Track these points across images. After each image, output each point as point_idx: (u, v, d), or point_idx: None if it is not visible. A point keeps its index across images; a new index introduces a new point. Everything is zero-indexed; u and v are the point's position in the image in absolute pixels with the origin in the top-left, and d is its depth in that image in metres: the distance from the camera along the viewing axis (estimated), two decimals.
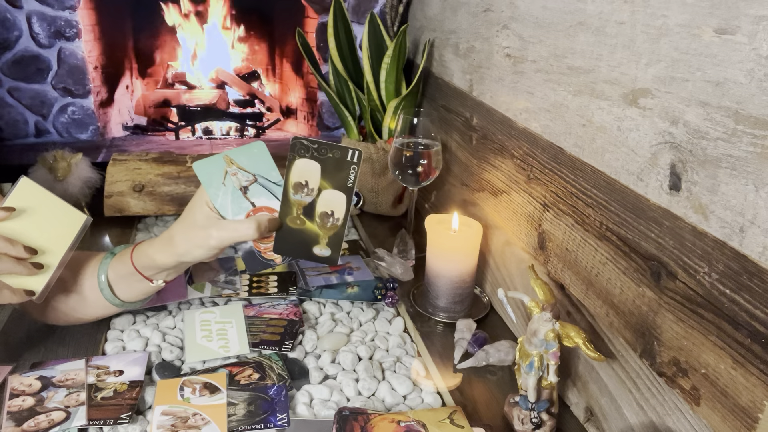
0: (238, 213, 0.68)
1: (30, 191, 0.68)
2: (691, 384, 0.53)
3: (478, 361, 0.80)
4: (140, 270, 0.72)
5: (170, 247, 0.69)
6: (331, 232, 0.67)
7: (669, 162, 0.54)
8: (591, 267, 0.68)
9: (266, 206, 0.69)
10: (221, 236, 0.66)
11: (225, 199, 0.68)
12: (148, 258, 0.71)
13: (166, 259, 0.70)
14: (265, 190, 0.68)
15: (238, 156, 0.68)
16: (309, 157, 0.65)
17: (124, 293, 0.76)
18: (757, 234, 0.45)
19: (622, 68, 0.61)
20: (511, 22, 0.86)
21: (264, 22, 1.90)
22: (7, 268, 0.65)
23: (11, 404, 0.67)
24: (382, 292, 0.93)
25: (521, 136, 0.84)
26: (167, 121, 1.80)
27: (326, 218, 0.67)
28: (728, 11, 0.47)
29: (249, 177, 0.68)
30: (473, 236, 0.88)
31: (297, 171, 0.66)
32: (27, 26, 1.45)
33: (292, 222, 0.67)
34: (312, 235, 0.67)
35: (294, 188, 0.66)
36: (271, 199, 0.68)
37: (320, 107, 1.71)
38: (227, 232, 0.66)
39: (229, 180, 0.68)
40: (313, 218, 0.67)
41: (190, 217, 0.69)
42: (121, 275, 0.74)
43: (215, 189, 0.68)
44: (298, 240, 0.68)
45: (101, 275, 0.74)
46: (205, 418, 0.66)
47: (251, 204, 0.68)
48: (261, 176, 0.68)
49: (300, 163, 0.66)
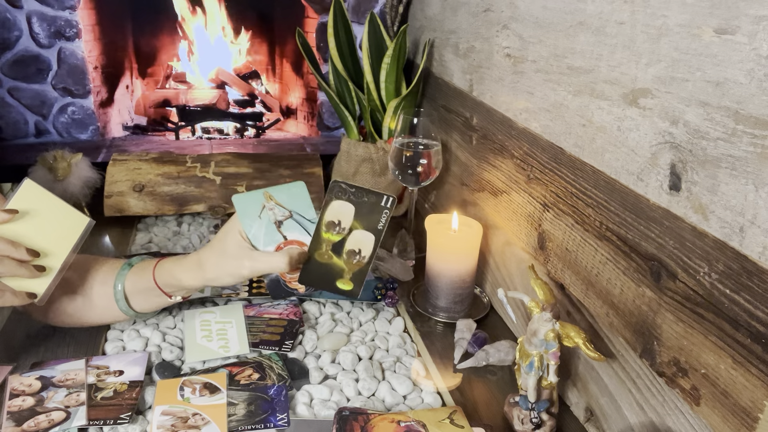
0: (269, 244, 0.71)
1: (33, 194, 0.68)
2: (691, 384, 0.53)
3: (478, 361, 0.80)
4: (161, 287, 0.73)
5: (200, 271, 0.71)
6: (356, 268, 0.70)
7: (669, 162, 0.54)
8: (591, 267, 0.68)
9: (297, 240, 0.71)
10: (254, 266, 0.68)
11: (259, 230, 0.70)
12: (173, 278, 0.72)
13: (194, 283, 0.72)
14: (298, 225, 0.71)
15: (277, 193, 0.71)
16: (345, 199, 0.69)
17: (140, 305, 0.76)
18: (757, 234, 0.45)
19: (622, 68, 0.61)
20: (511, 22, 0.86)
21: (264, 22, 1.89)
22: (10, 270, 0.65)
23: (11, 404, 0.67)
24: (382, 292, 0.93)
25: (521, 136, 0.84)
26: (167, 121, 1.80)
27: (353, 256, 0.70)
28: (728, 11, 0.47)
29: (285, 213, 0.71)
30: (473, 236, 0.88)
31: (332, 211, 0.69)
32: (27, 26, 1.45)
33: (320, 257, 0.70)
34: (337, 269, 0.70)
35: (327, 226, 0.69)
36: (302, 234, 0.71)
37: (320, 107, 1.71)
38: (260, 263, 0.68)
39: (265, 214, 0.70)
40: (341, 255, 0.70)
41: (221, 245, 0.70)
42: (139, 288, 0.75)
43: (250, 220, 0.70)
44: (324, 273, 0.71)
45: (118, 285, 0.75)
46: (205, 418, 0.66)
47: (283, 237, 0.71)
48: (297, 213, 0.71)
49: (336, 204, 0.69)
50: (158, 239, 1.11)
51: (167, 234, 1.13)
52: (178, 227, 1.17)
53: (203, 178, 1.17)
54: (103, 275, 0.76)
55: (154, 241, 1.10)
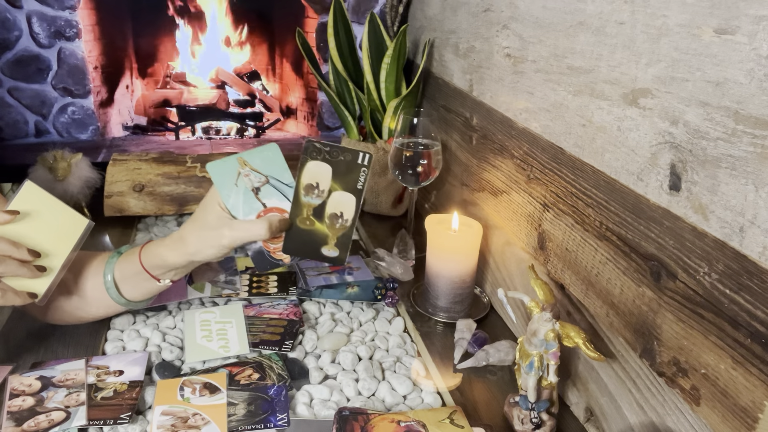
0: (249, 213, 0.69)
1: (34, 195, 0.69)
2: (691, 384, 0.53)
3: (478, 361, 0.80)
4: (148, 269, 0.73)
5: (182, 246, 0.70)
6: (339, 232, 0.68)
7: (669, 162, 0.54)
8: (591, 267, 0.68)
9: (277, 207, 0.70)
10: (233, 236, 0.67)
11: (237, 199, 0.69)
12: (158, 257, 0.72)
13: (177, 259, 0.71)
14: (277, 191, 0.69)
15: (251, 157, 0.69)
16: (321, 159, 0.67)
17: (130, 292, 0.76)
18: (757, 234, 0.45)
19: (622, 68, 0.61)
20: (511, 22, 0.86)
21: (264, 22, 1.90)
22: (11, 270, 0.65)
23: (11, 404, 0.67)
24: (382, 292, 0.93)
25: (521, 136, 0.84)
26: (167, 121, 1.80)
27: (335, 219, 0.68)
28: (728, 11, 0.47)
29: (261, 178, 0.69)
30: (473, 236, 0.88)
31: (308, 173, 0.67)
32: (27, 26, 1.45)
33: (301, 223, 0.68)
34: (321, 235, 0.69)
35: (305, 190, 0.67)
36: (282, 200, 0.70)
37: (320, 107, 1.71)
38: (239, 231, 0.67)
39: (242, 181, 0.69)
40: (323, 219, 0.68)
41: (201, 217, 0.70)
42: (127, 274, 0.75)
43: (227, 190, 0.69)
44: (307, 240, 0.69)
45: (107, 275, 0.75)
46: (205, 418, 0.66)
47: (262, 205, 0.69)
48: (273, 178, 0.69)
49: (312, 165, 0.67)
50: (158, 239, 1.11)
51: (167, 234, 1.13)
52: (178, 227, 1.17)
53: (203, 178, 1.17)
54: (95, 267, 0.76)
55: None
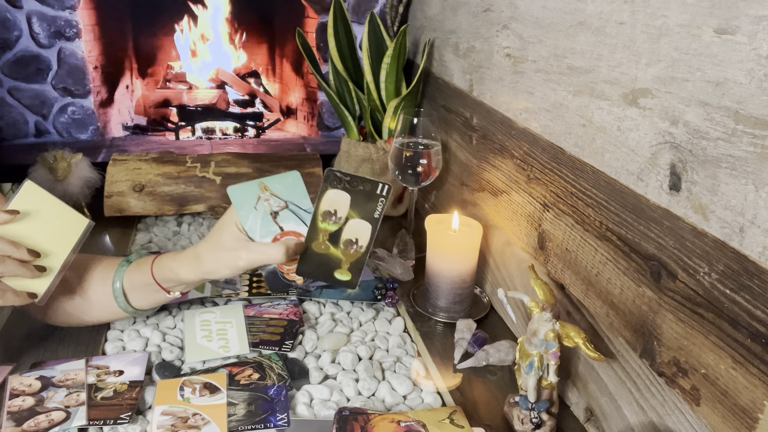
0: (265, 236, 0.70)
1: (34, 194, 0.69)
2: (691, 384, 0.53)
3: (478, 361, 0.80)
4: (159, 282, 0.73)
5: (197, 264, 0.71)
6: (353, 258, 0.70)
7: (669, 162, 0.54)
8: (591, 267, 0.68)
9: (293, 231, 0.71)
10: (250, 258, 0.68)
11: (255, 222, 0.70)
12: (170, 272, 0.72)
13: (191, 276, 0.72)
14: (294, 215, 0.71)
15: (272, 183, 0.71)
16: (341, 188, 0.68)
17: (138, 302, 0.76)
18: (757, 234, 0.45)
19: (622, 68, 0.61)
20: (511, 22, 0.86)
21: (264, 22, 1.89)
22: (11, 270, 0.65)
23: (11, 404, 0.67)
24: (382, 292, 0.93)
25: (521, 136, 0.84)
26: (167, 121, 1.80)
27: (350, 245, 0.69)
28: (728, 11, 0.47)
29: (281, 203, 0.70)
30: (473, 236, 0.88)
31: (327, 200, 0.68)
32: (27, 26, 1.45)
33: (317, 247, 0.70)
34: (335, 259, 0.70)
35: (323, 216, 0.69)
36: (299, 225, 0.71)
37: (320, 107, 1.71)
38: (256, 254, 0.68)
39: (261, 205, 0.70)
40: (338, 245, 0.69)
41: (218, 237, 0.70)
42: (137, 284, 0.75)
43: (246, 212, 0.70)
44: (321, 263, 0.70)
45: (116, 282, 0.75)
46: (205, 418, 0.66)
47: (279, 228, 0.70)
48: (292, 203, 0.71)
49: (331, 194, 0.68)
50: (158, 239, 1.11)
51: (167, 234, 1.13)
52: (178, 227, 1.17)
53: (203, 178, 1.17)
54: (102, 273, 0.76)
55: (154, 241, 1.10)
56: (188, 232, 1.14)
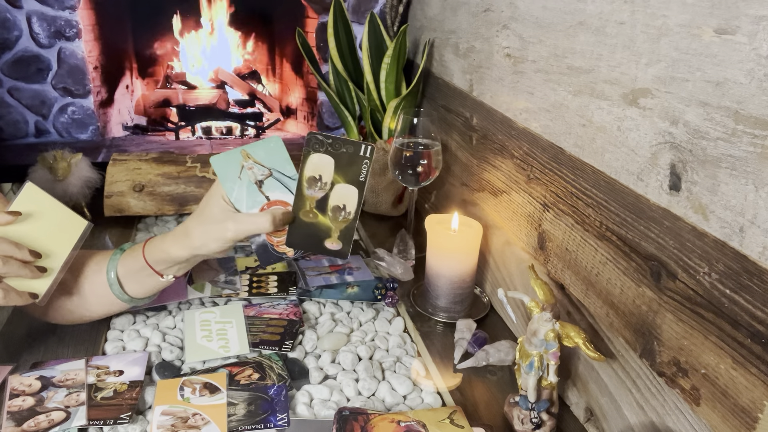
0: (252, 206, 0.70)
1: (34, 196, 0.69)
2: (691, 384, 0.53)
3: (478, 361, 0.80)
4: (152, 264, 0.73)
5: (186, 240, 0.70)
6: (342, 225, 0.69)
7: (669, 162, 0.54)
8: (591, 267, 0.68)
9: (280, 200, 0.70)
10: (237, 229, 0.68)
11: (240, 192, 0.69)
12: (162, 252, 0.72)
13: (181, 252, 0.71)
14: (280, 184, 0.70)
15: (254, 150, 0.70)
16: (323, 151, 0.67)
17: (134, 289, 0.76)
18: (757, 234, 0.45)
19: (622, 68, 0.61)
20: (511, 22, 0.86)
21: (264, 22, 1.90)
22: (14, 271, 0.66)
23: (11, 404, 0.67)
24: (382, 292, 0.93)
25: (521, 136, 0.84)
26: (167, 121, 1.80)
27: (338, 212, 0.68)
28: (728, 11, 0.47)
29: (264, 171, 0.69)
30: (473, 236, 0.88)
31: (311, 165, 0.67)
32: (27, 26, 1.45)
33: (305, 215, 0.69)
34: (324, 228, 0.69)
35: (308, 182, 0.68)
36: (285, 193, 0.70)
37: (320, 107, 1.71)
38: (243, 224, 0.68)
39: (245, 174, 0.69)
40: (326, 212, 0.69)
41: (206, 210, 0.70)
42: (131, 271, 0.75)
43: (231, 183, 0.69)
44: (311, 233, 0.69)
45: (110, 271, 0.75)
46: (205, 418, 0.66)
47: (266, 198, 0.70)
48: (276, 170, 0.70)
49: (314, 158, 0.67)
50: None
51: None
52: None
53: (203, 178, 1.17)
54: (96, 265, 0.76)
55: None
56: None
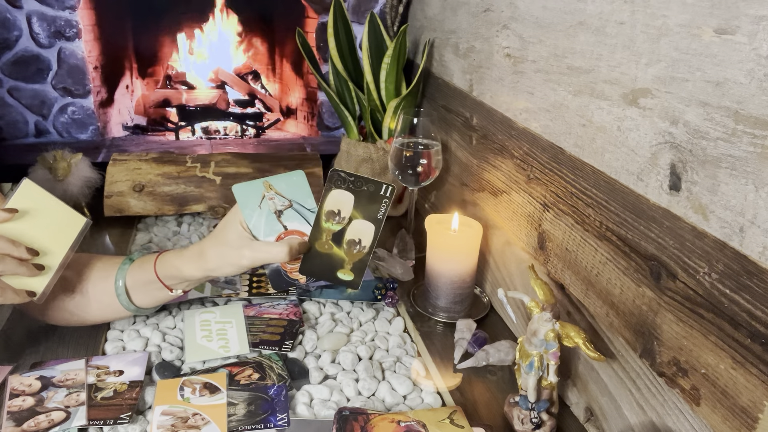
0: (269, 234, 0.71)
1: (32, 193, 0.69)
2: (691, 384, 0.53)
3: (478, 361, 0.80)
4: (163, 279, 0.73)
5: (201, 261, 0.71)
6: (356, 258, 0.70)
7: (669, 162, 0.54)
8: (591, 267, 0.68)
9: (297, 230, 0.71)
10: (254, 257, 0.68)
11: (259, 220, 0.70)
12: (174, 269, 0.73)
13: (195, 273, 0.72)
14: (298, 215, 0.71)
15: (277, 182, 0.71)
16: (345, 188, 0.69)
17: (141, 300, 0.77)
18: (757, 234, 0.45)
19: (622, 68, 0.61)
20: (511, 22, 0.86)
21: (264, 22, 1.89)
22: (11, 269, 0.66)
23: (11, 404, 0.67)
24: (382, 292, 0.93)
25: (521, 136, 0.84)
26: (167, 121, 1.80)
27: (353, 245, 0.70)
28: (728, 11, 0.47)
29: (285, 202, 0.71)
30: (473, 236, 0.88)
31: (332, 200, 0.69)
32: (27, 26, 1.45)
33: (320, 246, 0.70)
34: (338, 259, 0.70)
35: (326, 216, 0.69)
36: (302, 224, 0.71)
37: (320, 107, 1.71)
38: (260, 253, 0.68)
39: (266, 203, 0.70)
40: (341, 245, 0.70)
41: (222, 235, 0.71)
42: (140, 282, 0.75)
43: (250, 210, 0.70)
44: (324, 263, 0.71)
45: (119, 280, 0.75)
46: (205, 418, 0.66)
47: (283, 227, 0.71)
48: (297, 202, 0.71)
49: (335, 194, 0.69)
50: (158, 239, 1.11)
51: (167, 234, 1.13)
52: (178, 227, 1.17)
53: (203, 178, 1.17)
54: (103, 271, 0.76)
55: (154, 241, 1.10)
56: (188, 232, 1.14)
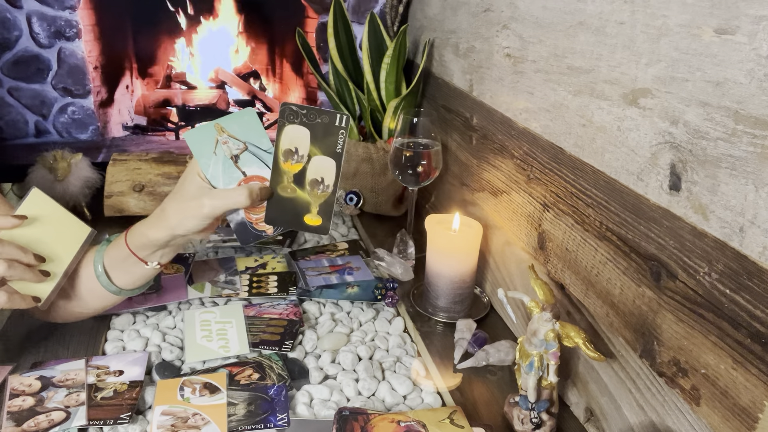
0: (229, 183, 0.68)
1: (40, 202, 0.70)
2: (691, 384, 0.53)
3: (478, 361, 0.80)
4: (135, 251, 0.72)
5: (163, 220, 0.69)
6: (321, 199, 0.67)
7: (669, 162, 0.54)
8: (591, 267, 0.68)
9: (257, 175, 0.69)
10: (213, 204, 0.66)
11: (216, 168, 0.68)
12: (142, 236, 0.71)
13: (159, 234, 0.70)
14: (256, 158, 0.68)
15: (228, 123, 0.68)
16: (298, 123, 0.66)
17: (121, 280, 0.75)
18: (757, 234, 0.45)
19: (622, 68, 0.61)
20: (511, 22, 0.86)
21: (264, 22, 1.89)
22: (18, 274, 0.66)
23: (11, 404, 0.67)
24: (382, 292, 0.93)
25: (521, 136, 0.84)
26: (167, 121, 1.80)
27: (316, 185, 0.67)
28: (728, 11, 0.47)
29: (240, 145, 0.68)
30: (473, 236, 0.88)
31: (287, 137, 0.66)
32: (27, 26, 1.45)
33: (282, 190, 0.67)
34: (303, 203, 0.68)
35: (284, 155, 0.66)
36: (262, 168, 0.68)
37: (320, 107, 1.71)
38: (219, 200, 0.66)
39: (220, 149, 0.68)
40: (304, 186, 0.67)
41: (182, 189, 0.69)
42: (116, 261, 0.74)
43: (206, 159, 0.68)
44: (289, 209, 0.68)
45: (98, 265, 0.74)
46: (205, 418, 0.66)
47: (242, 173, 0.68)
48: (252, 144, 0.68)
49: (290, 130, 0.66)
50: None
51: None
52: None
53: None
54: (86, 259, 0.76)
55: None
56: None
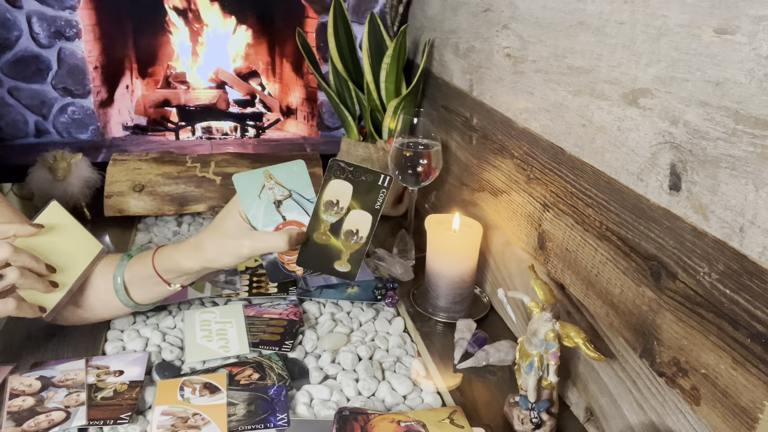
0: (268, 225, 0.71)
1: (57, 214, 0.72)
2: (691, 384, 0.53)
3: (478, 361, 0.80)
4: (161, 273, 0.73)
5: (200, 252, 0.71)
6: (353, 249, 0.70)
7: (669, 162, 0.54)
8: (591, 267, 0.68)
9: (295, 220, 0.71)
10: (253, 246, 0.68)
11: (258, 210, 0.70)
12: (172, 262, 0.72)
13: (193, 265, 0.71)
14: (298, 206, 0.71)
15: (277, 172, 0.71)
16: (344, 178, 0.69)
17: (139, 295, 0.76)
18: (757, 234, 0.45)
19: (622, 68, 0.61)
20: (511, 22, 0.86)
21: (264, 22, 1.89)
22: (29, 283, 0.67)
23: (11, 404, 0.67)
24: (382, 292, 0.93)
25: (521, 136, 0.84)
26: (167, 121, 1.80)
27: (351, 236, 0.70)
28: (728, 11, 0.47)
29: (285, 192, 0.71)
30: (473, 236, 0.88)
31: (331, 190, 0.69)
32: (27, 26, 1.45)
33: (318, 237, 0.70)
34: (335, 250, 0.70)
35: (325, 206, 0.69)
36: (301, 214, 0.71)
37: (320, 107, 1.71)
38: (259, 242, 0.68)
39: (265, 193, 0.70)
40: (339, 235, 0.70)
41: (222, 225, 0.71)
42: (138, 278, 0.75)
43: (250, 200, 0.70)
44: (322, 254, 0.70)
45: (117, 277, 0.75)
46: (205, 418, 0.66)
47: (282, 217, 0.71)
48: (296, 192, 0.71)
49: (334, 183, 0.69)
50: (158, 239, 1.11)
51: (167, 234, 1.13)
52: (178, 227, 1.17)
53: (203, 178, 1.17)
54: (102, 269, 0.76)
55: (154, 241, 1.10)
56: (188, 232, 1.14)
